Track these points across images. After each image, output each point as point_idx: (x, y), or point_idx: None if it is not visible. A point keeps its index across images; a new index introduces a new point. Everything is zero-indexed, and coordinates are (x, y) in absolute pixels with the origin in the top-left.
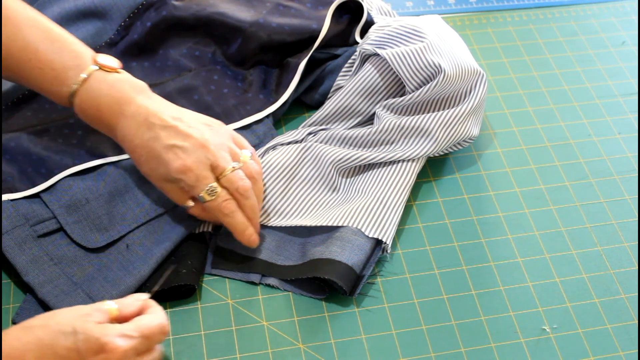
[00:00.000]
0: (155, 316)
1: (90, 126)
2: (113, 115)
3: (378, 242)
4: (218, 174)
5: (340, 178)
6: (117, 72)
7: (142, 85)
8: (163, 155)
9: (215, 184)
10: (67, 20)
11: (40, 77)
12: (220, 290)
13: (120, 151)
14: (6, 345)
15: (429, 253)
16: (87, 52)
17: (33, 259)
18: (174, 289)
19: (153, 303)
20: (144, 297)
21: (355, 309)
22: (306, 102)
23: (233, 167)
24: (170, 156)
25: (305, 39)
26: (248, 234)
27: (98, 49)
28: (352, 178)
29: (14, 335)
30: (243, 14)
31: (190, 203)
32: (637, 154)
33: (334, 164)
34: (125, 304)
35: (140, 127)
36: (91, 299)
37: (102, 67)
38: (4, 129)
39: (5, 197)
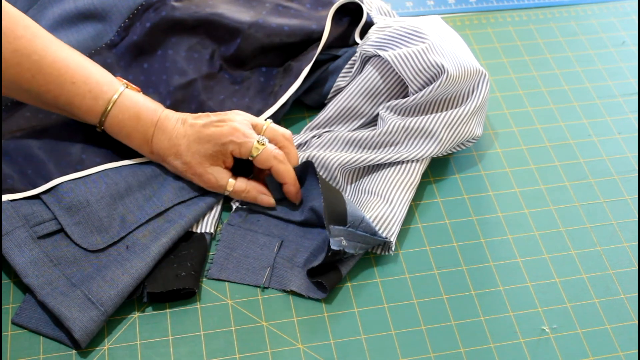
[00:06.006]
0: None
1: (90, 127)
2: (150, 122)
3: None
4: (259, 131)
5: (346, 181)
6: (140, 91)
7: (158, 102)
8: (205, 132)
9: (262, 136)
10: (67, 22)
11: (72, 92)
12: (219, 291)
13: (121, 154)
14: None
15: (429, 253)
16: (110, 74)
17: (33, 260)
18: (173, 291)
19: None
20: None
21: (355, 309)
22: (307, 102)
23: (267, 122)
24: (212, 129)
25: (304, 40)
26: (296, 187)
27: (98, 51)
28: (358, 180)
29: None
30: (242, 14)
31: (231, 185)
32: (637, 154)
33: (339, 167)
34: None
35: (176, 124)
36: (90, 299)
37: (129, 87)
38: (3, 130)
39: (5, 197)
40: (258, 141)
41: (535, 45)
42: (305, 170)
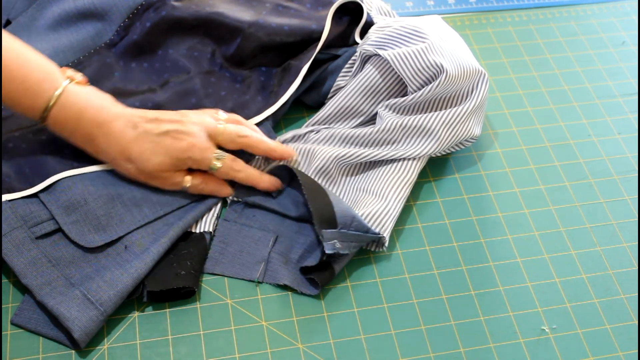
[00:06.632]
0: None
1: None
2: (94, 123)
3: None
4: (216, 139)
5: (340, 175)
6: (86, 85)
7: (109, 96)
8: (160, 143)
9: (219, 150)
10: (67, 21)
11: (9, 89)
12: (219, 290)
13: None
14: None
15: (429, 253)
16: (54, 66)
17: (31, 261)
18: (173, 290)
19: None
20: None
21: (355, 309)
22: (306, 102)
23: (222, 124)
24: (169, 141)
25: (304, 40)
26: (267, 179)
27: (98, 50)
28: (354, 177)
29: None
30: (242, 14)
31: (187, 182)
32: (637, 154)
33: (335, 161)
34: None
35: (125, 127)
36: (89, 299)
37: (73, 80)
38: (3, 129)
39: (3, 197)
40: (217, 157)
41: (535, 45)
42: (290, 173)
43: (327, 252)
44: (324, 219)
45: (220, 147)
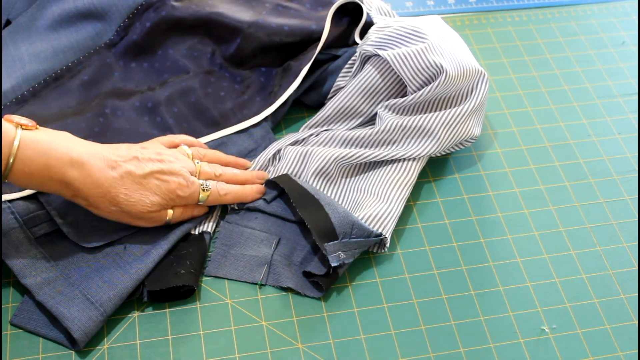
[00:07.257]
0: None
1: (87, 128)
2: (65, 165)
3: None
4: (195, 172)
5: (340, 176)
6: (37, 128)
7: (65, 132)
8: (146, 185)
9: (202, 181)
10: (67, 21)
11: None
12: (219, 290)
13: None
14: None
15: (428, 253)
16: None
17: (30, 261)
18: (172, 289)
19: None
20: None
21: (355, 309)
22: (306, 102)
23: (196, 162)
24: (155, 182)
25: (304, 40)
26: (249, 191)
27: (97, 50)
28: (354, 178)
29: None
30: (242, 14)
31: (170, 215)
32: (637, 154)
33: (335, 162)
34: None
35: (104, 167)
36: (89, 299)
37: (25, 128)
38: None
39: (3, 197)
40: (203, 189)
41: (535, 45)
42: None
43: (333, 264)
44: (323, 232)
45: None
